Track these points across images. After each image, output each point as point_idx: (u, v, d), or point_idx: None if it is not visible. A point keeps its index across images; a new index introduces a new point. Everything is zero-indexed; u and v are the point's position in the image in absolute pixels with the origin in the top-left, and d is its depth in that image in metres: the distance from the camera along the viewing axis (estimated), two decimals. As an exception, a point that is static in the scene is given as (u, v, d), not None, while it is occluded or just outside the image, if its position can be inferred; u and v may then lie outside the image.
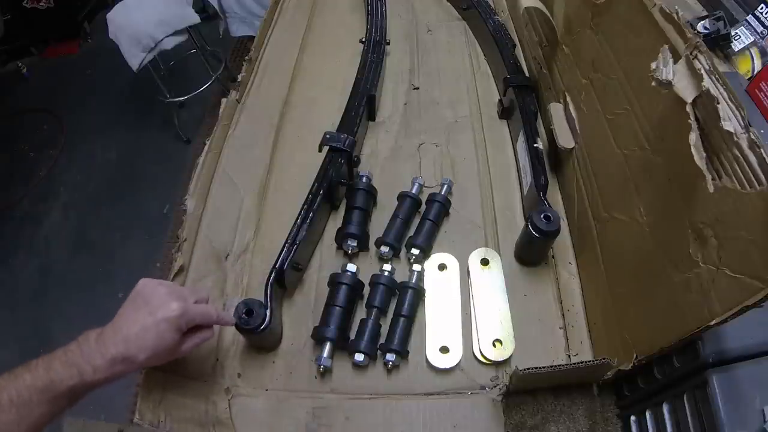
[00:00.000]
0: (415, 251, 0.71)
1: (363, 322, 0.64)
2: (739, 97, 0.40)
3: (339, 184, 0.76)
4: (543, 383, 0.60)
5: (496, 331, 0.64)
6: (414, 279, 0.68)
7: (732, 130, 0.39)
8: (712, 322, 0.40)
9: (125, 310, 0.52)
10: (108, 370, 0.48)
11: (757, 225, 0.37)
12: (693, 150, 0.43)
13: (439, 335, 0.65)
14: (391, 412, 0.60)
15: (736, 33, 0.85)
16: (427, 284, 0.69)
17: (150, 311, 0.51)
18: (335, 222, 0.77)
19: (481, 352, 0.63)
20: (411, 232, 0.74)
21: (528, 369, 0.53)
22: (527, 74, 0.92)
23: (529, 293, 0.69)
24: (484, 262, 0.71)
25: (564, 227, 0.74)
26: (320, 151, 0.76)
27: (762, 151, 0.37)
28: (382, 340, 0.64)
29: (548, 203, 0.68)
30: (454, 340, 0.64)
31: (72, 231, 2.04)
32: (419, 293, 0.67)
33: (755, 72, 0.80)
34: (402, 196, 0.76)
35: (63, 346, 0.49)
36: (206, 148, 0.84)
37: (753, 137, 0.38)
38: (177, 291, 0.54)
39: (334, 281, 0.67)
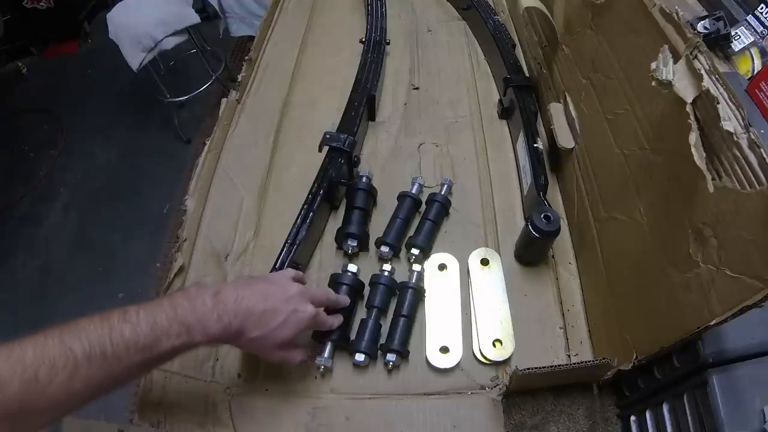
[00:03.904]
0: (415, 251, 0.71)
1: (363, 322, 0.64)
2: (739, 97, 0.40)
3: (339, 184, 0.76)
4: (543, 383, 0.60)
5: (496, 331, 0.64)
6: (414, 279, 0.68)
7: (732, 130, 0.39)
8: (712, 322, 0.40)
9: (252, 281, 0.49)
10: (216, 338, 0.44)
11: (757, 225, 0.36)
12: (693, 150, 0.43)
13: (439, 335, 0.65)
14: (391, 412, 0.60)
15: (736, 33, 0.85)
16: (427, 284, 0.69)
17: (286, 299, 0.49)
18: (335, 222, 0.77)
19: (481, 352, 0.63)
20: (411, 232, 0.74)
21: (528, 369, 0.53)
22: (527, 74, 0.92)
23: (529, 293, 0.69)
24: (484, 262, 0.71)
25: (564, 227, 0.74)
26: (320, 151, 0.76)
27: (762, 151, 0.37)
28: (382, 340, 0.64)
29: (548, 203, 0.68)
30: (454, 340, 0.64)
31: (72, 231, 2.04)
32: (419, 293, 0.67)
33: (755, 72, 0.80)
34: (402, 196, 0.76)
35: (166, 297, 0.43)
36: (206, 148, 0.84)
37: (753, 137, 0.38)
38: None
39: (335, 281, 0.66)
